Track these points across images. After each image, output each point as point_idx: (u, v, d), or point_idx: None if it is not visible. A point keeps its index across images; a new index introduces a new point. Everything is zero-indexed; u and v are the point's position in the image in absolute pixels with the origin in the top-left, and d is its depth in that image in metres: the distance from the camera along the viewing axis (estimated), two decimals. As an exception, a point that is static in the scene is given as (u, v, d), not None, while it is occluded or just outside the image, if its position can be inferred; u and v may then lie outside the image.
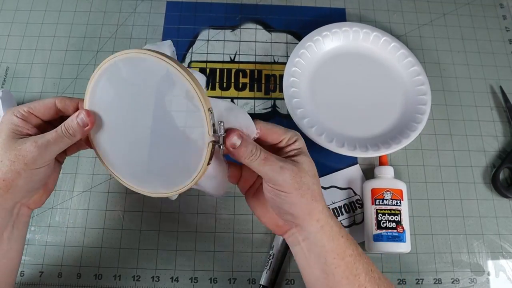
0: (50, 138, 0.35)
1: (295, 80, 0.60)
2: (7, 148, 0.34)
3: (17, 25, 0.66)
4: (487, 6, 0.71)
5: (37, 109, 0.37)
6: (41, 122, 0.38)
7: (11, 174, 0.34)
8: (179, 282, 0.52)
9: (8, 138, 0.35)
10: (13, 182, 0.35)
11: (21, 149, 0.34)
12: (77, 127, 0.36)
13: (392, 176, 0.55)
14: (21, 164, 0.34)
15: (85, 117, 0.36)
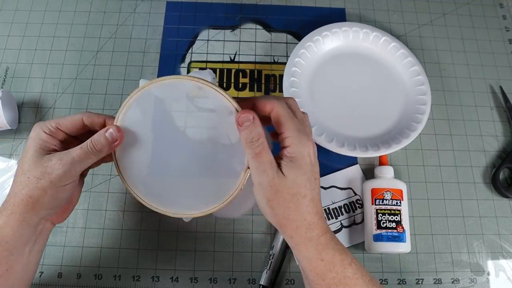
0: (75, 155, 0.35)
1: (295, 80, 0.60)
2: (34, 164, 0.34)
3: (17, 25, 0.66)
4: (487, 6, 0.71)
5: (65, 125, 0.37)
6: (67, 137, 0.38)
7: (37, 192, 0.34)
8: (179, 282, 0.52)
9: (35, 154, 0.35)
10: (39, 200, 0.35)
11: (47, 166, 0.34)
12: (105, 142, 0.36)
13: (392, 176, 0.55)
14: (47, 181, 0.34)
15: (115, 132, 0.36)
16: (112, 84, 0.62)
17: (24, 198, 0.35)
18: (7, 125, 0.55)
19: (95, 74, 0.62)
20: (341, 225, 0.55)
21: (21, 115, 0.60)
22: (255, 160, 0.34)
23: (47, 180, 0.34)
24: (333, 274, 0.36)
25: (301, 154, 0.35)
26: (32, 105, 0.60)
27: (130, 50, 0.64)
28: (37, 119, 0.59)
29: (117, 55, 0.64)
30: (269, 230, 0.55)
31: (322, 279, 0.36)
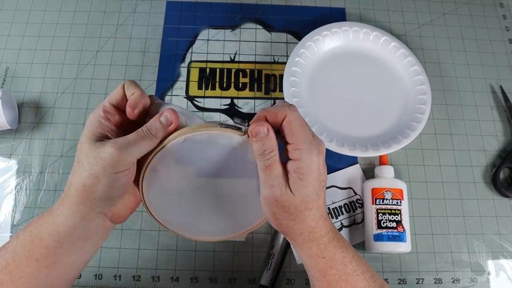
0: (130, 139, 0.33)
1: (295, 80, 0.60)
2: (87, 152, 0.33)
3: (17, 25, 0.66)
4: (487, 6, 0.71)
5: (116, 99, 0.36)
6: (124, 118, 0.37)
7: (90, 179, 0.32)
8: (179, 282, 0.52)
9: (88, 141, 0.33)
10: (91, 187, 0.33)
11: (100, 152, 0.32)
12: (159, 126, 0.34)
13: (392, 175, 0.55)
14: (100, 167, 0.32)
15: (170, 115, 0.35)
16: (112, 84, 0.62)
17: (78, 187, 0.33)
18: (7, 125, 0.55)
19: (95, 74, 0.62)
20: (342, 224, 0.55)
21: (21, 115, 0.60)
22: (264, 173, 0.34)
23: (100, 166, 0.32)
24: (333, 271, 0.36)
25: (310, 170, 0.34)
26: (32, 105, 0.60)
27: (130, 50, 0.64)
28: (37, 119, 0.59)
29: (117, 55, 0.64)
30: (269, 230, 0.55)
31: (323, 276, 0.36)
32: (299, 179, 0.33)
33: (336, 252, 0.36)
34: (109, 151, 0.32)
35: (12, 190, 0.56)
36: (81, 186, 0.33)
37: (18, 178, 0.56)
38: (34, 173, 0.57)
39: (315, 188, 0.34)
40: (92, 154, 0.32)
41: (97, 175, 0.32)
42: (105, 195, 0.33)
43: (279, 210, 0.34)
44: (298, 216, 0.35)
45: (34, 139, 0.58)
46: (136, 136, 0.34)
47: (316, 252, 0.36)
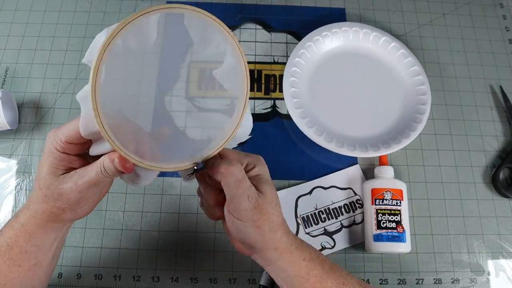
0: (90, 180, 0.33)
1: (295, 80, 0.60)
2: (49, 184, 0.33)
3: (17, 25, 0.66)
4: (487, 6, 0.71)
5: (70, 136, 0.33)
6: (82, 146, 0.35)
7: (57, 210, 0.34)
8: (179, 282, 0.52)
9: (49, 172, 0.34)
10: (59, 216, 0.35)
11: (63, 189, 0.33)
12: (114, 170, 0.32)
13: (392, 176, 0.55)
14: (64, 203, 0.34)
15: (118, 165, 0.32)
16: (112, 84, 0.62)
17: (45, 212, 0.35)
18: (7, 125, 0.55)
19: (95, 74, 0.62)
20: (341, 225, 0.55)
21: (21, 115, 0.60)
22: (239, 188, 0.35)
23: (65, 203, 0.34)
24: (314, 271, 0.37)
25: (265, 171, 0.38)
26: (32, 105, 0.60)
27: (130, 50, 0.64)
28: (37, 119, 0.59)
29: (117, 55, 0.64)
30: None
31: (306, 280, 0.37)
32: (260, 179, 0.37)
33: (311, 252, 0.39)
34: (71, 192, 0.33)
35: (12, 190, 0.56)
36: (49, 212, 0.35)
37: (18, 178, 0.56)
38: (34, 173, 0.57)
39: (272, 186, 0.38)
40: (55, 190, 0.33)
41: (63, 208, 0.34)
42: (73, 218, 0.36)
43: (258, 215, 0.35)
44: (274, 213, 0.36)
45: (34, 139, 0.59)
46: (95, 177, 0.33)
47: (297, 255, 0.37)
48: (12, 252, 0.35)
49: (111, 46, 0.32)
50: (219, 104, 0.37)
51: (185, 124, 0.37)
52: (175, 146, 0.37)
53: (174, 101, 0.37)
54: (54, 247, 0.38)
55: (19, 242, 0.35)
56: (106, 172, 0.32)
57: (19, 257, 0.35)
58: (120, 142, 0.31)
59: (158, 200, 0.56)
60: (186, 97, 0.37)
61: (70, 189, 0.33)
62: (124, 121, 0.33)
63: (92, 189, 0.34)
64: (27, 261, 0.36)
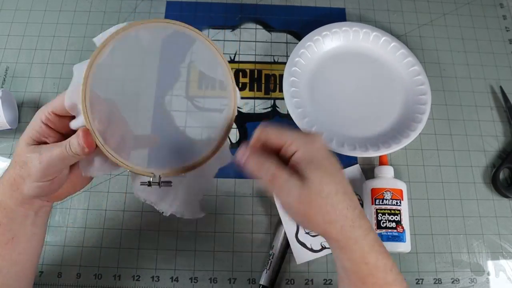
0: (54, 154, 0.34)
1: (295, 80, 0.60)
2: (20, 151, 0.35)
3: (17, 25, 0.66)
4: (487, 6, 0.71)
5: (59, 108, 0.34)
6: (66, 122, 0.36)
7: (18, 178, 0.35)
8: (179, 282, 0.52)
9: (24, 142, 0.35)
10: (20, 185, 0.35)
11: (28, 158, 0.34)
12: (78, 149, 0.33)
13: (392, 176, 0.55)
14: (26, 173, 0.34)
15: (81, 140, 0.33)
16: (112, 84, 0.62)
17: (9, 179, 0.35)
18: (7, 124, 0.55)
19: (95, 74, 0.62)
20: (341, 225, 0.55)
21: (21, 115, 0.60)
22: (272, 185, 0.33)
23: (26, 172, 0.34)
24: (374, 279, 0.34)
25: (312, 153, 0.33)
26: (32, 105, 0.60)
27: (130, 50, 0.64)
28: (37, 119, 0.59)
29: (117, 55, 0.64)
30: (269, 230, 0.55)
31: (362, 283, 0.34)
32: (306, 164, 0.33)
33: (378, 257, 0.34)
34: (34, 163, 0.34)
35: (12, 190, 0.56)
36: (12, 180, 0.35)
37: (18, 178, 0.56)
38: (34, 173, 0.57)
39: (327, 168, 0.33)
40: (22, 158, 0.34)
41: (23, 177, 0.34)
42: (33, 193, 0.36)
43: (307, 209, 0.32)
44: (328, 204, 0.32)
45: (34, 139, 0.58)
46: (60, 152, 0.34)
47: (360, 256, 0.34)
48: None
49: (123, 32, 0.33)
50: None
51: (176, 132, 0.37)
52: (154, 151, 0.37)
53: (172, 102, 0.37)
54: (29, 222, 0.38)
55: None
56: (69, 147, 0.33)
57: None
58: (92, 116, 0.32)
59: (158, 200, 0.56)
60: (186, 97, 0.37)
61: (34, 158, 0.34)
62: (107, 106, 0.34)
63: (54, 165, 0.34)
64: (2, 234, 0.36)
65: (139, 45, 0.34)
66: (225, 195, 0.56)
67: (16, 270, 0.38)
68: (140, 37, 0.34)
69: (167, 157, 0.37)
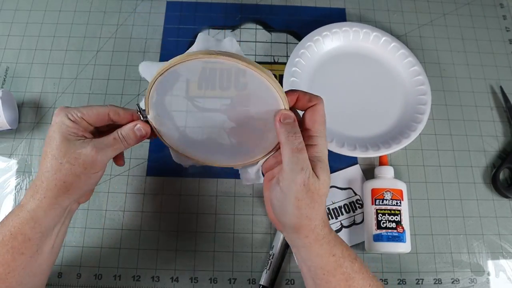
0: (108, 142, 0.37)
1: (295, 80, 0.60)
2: (66, 150, 0.35)
3: (17, 25, 0.66)
4: (487, 6, 0.71)
5: (90, 116, 0.37)
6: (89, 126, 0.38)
7: (71, 177, 0.35)
8: (179, 282, 0.52)
9: (64, 140, 0.35)
10: (72, 185, 0.36)
11: (81, 153, 0.35)
12: (134, 137, 0.38)
13: (392, 176, 0.55)
14: (80, 167, 0.35)
15: (143, 128, 0.38)
16: (112, 84, 0.62)
17: (57, 183, 0.35)
18: (7, 125, 0.55)
19: (95, 74, 0.62)
20: (341, 225, 0.55)
21: (21, 115, 0.60)
22: (295, 155, 0.34)
23: (81, 167, 0.35)
24: (343, 269, 0.36)
25: (325, 155, 0.36)
26: (32, 105, 0.60)
27: (130, 50, 0.64)
28: (37, 119, 0.59)
29: (117, 55, 0.64)
30: (269, 230, 0.55)
31: (332, 276, 0.36)
32: (319, 162, 0.35)
33: (343, 249, 0.37)
34: (90, 154, 0.35)
35: (12, 190, 0.56)
36: (62, 183, 0.35)
37: (18, 178, 0.56)
38: (34, 173, 0.57)
39: (329, 174, 0.36)
40: (73, 154, 0.35)
41: (78, 174, 0.35)
42: (83, 190, 0.37)
43: (303, 195, 0.34)
44: (317, 202, 0.35)
45: (34, 139, 0.58)
46: (113, 142, 0.37)
47: (327, 250, 0.36)
48: (15, 241, 0.36)
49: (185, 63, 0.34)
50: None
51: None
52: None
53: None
54: (55, 234, 0.39)
55: (23, 229, 0.36)
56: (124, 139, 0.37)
57: (22, 245, 0.36)
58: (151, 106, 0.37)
59: (158, 200, 0.56)
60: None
61: (88, 152, 0.35)
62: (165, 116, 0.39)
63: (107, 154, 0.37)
64: (30, 249, 0.36)
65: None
66: (225, 195, 0.56)
67: (34, 280, 0.38)
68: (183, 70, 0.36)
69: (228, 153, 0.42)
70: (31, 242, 0.36)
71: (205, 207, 0.56)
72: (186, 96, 0.37)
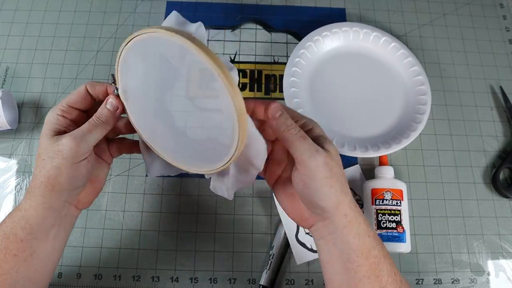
0: (84, 129, 0.36)
1: (295, 80, 0.60)
2: (47, 146, 0.35)
3: (17, 25, 0.66)
4: (487, 6, 0.71)
5: (74, 100, 0.38)
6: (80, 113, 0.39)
7: (53, 171, 0.35)
8: (179, 282, 0.52)
9: (47, 137, 0.36)
10: (56, 180, 0.35)
11: (59, 145, 0.35)
12: (108, 113, 0.37)
13: (392, 176, 0.55)
14: (60, 159, 0.35)
15: (114, 101, 0.37)
16: (112, 84, 0.62)
17: (42, 180, 0.35)
18: (7, 125, 0.55)
19: (95, 74, 0.62)
20: (341, 225, 0.55)
21: (21, 115, 0.60)
22: (304, 143, 0.34)
23: (61, 158, 0.35)
24: (375, 251, 0.36)
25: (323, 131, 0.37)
26: (32, 105, 0.60)
27: (130, 50, 0.64)
28: (37, 119, 0.59)
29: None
30: (269, 230, 0.55)
31: (366, 258, 0.35)
32: (323, 139, 0.36)
33: (375, 232, 0.37)
34: (66, 143, 0.35)
35: (12, 190, 0.56)
36: (46, 179, 0.35)
37: (18, 178, 0.56)
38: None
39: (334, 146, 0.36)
40: (51, 148, 0.35)
41: (59, 166, 0.35)
42: (69, 185, 0.36)
43: (329, 173, 0.34)
44: (342, 176, 0.35)
45: (34, 139, 0.59)
46: (88, 125, 0.36)
47: (365, 229, 0.36)
48: (7, 241, 0.35)
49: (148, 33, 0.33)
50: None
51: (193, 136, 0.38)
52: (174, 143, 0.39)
53: (176, 103, 0.37)
54: (51, 238, 0.37)
55: (15, 230, 0.35)
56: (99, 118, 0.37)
57: (14, 245, 0.35)
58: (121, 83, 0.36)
59: (158, 200, 0.56)
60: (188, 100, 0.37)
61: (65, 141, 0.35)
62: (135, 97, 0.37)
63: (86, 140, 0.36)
64: (23, 251, 0.36)
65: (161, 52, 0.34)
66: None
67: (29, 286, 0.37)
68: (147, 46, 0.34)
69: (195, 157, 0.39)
70: (23, 244, 0.36)
71: (205, 207, 0.56)
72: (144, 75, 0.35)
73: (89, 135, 0.36)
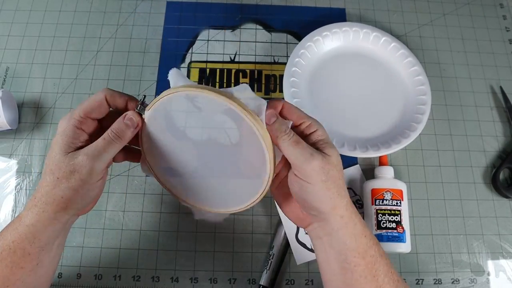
0: (99, 146, 0.34)
1: (295, 80, 0.60)
2: (61, 163, 0.34)
3: (17, 25, 0.66)
4: (487, 6, 0.71)
5: (91, 109, 0.36)
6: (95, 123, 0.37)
7: (69, 192, 0.34)
8: (179, 282, 0.52)
9: (61, 153, 0.34)
10: (71, 199, 0.34)
11: (75, 164, 0.34)
12: (125, 128, 0.36)
13: (392, 176, 0.55)
14: (77, 180, 0.34)
15: (134, 117, 0.36)
16: (112, 84, 0.62)
17: (56, 198, 0.34)
18: (7, 125, 0.55)
19: (95, 74, 0.63)
20: (341, 225, 0.55)
21: (21, 115, 0.60)
22: (297, 148, 0.35)
23: (78, 179, 0.34)
24: (372, 251, 0.36)
25: (327, 135, 0.38)
26: (32, 105, 0.60)
27: (130, 50, 0.64)
28: (37, 119, 0.59)
29: (117, 55, 0.64)
30: (269, 230, 0.55)
31: (362, 258, 0.36)
32: (325, 142, 0.37)
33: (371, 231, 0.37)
34: (83, 163, 0.34)
35: (12, 190, 0.56)
36: (60, 198, 0.34)
37: (18, 178, 0.56)
38: (34, 173, 0.57)
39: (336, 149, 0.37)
40: (66, 166, 0.34)
41: (75, 188, 0.34)
42: (82, 204, 0.36)
43: (326, 176, 0.35)
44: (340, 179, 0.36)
45: (34, 139, 0.59)
46: (104, 142, 0.35)
47: (361, 229, 0.37)
48: (15, 256, 0.35)
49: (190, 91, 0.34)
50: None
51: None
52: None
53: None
54: (55, 247, 0.38)
55: (23, 244, 0.35)
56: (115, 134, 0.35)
57: (22, 259, 0.35)
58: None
59: (158, 200, 0.56)
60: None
61: (81, 161, 0.34)
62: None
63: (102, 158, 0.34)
64: (30, 263, 0.36)
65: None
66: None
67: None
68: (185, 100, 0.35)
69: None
70: (31, 257, 0.35)
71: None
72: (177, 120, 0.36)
73: (105, 154, 0.35)
